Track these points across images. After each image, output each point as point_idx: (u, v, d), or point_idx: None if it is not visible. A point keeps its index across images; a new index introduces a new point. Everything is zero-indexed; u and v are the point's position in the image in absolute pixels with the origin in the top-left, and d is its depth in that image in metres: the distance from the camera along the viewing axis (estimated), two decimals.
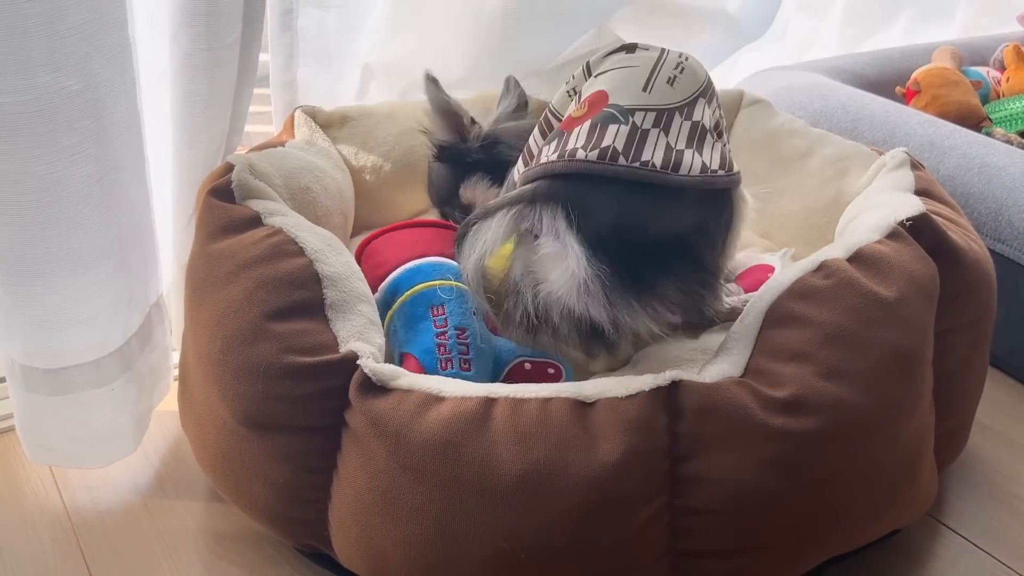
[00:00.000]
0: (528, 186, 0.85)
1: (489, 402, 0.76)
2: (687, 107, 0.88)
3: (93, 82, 0.81)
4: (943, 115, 1.53)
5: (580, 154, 0.83)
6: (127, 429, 0.97)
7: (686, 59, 0.95)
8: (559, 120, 0.97)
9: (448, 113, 1.08)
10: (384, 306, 0.96)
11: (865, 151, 1.22)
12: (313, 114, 1.22)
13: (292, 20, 1.22)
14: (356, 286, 0.88)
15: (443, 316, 0.92)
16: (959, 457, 1.02)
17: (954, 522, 0.97)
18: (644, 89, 0.88)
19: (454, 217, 1.11)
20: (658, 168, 0.81)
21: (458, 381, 0.80)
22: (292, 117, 1.21)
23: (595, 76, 0.95)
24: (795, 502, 0.76)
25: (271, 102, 1.29)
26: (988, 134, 1.53)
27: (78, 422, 0.93)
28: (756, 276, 1.13)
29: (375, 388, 0.78)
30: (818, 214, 1.23)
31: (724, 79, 1.73)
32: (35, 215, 0.82)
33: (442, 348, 0.90)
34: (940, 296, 0.87)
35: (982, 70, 1.76)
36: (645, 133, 0.84)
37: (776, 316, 0.82)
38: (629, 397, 0.75)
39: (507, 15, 1.24)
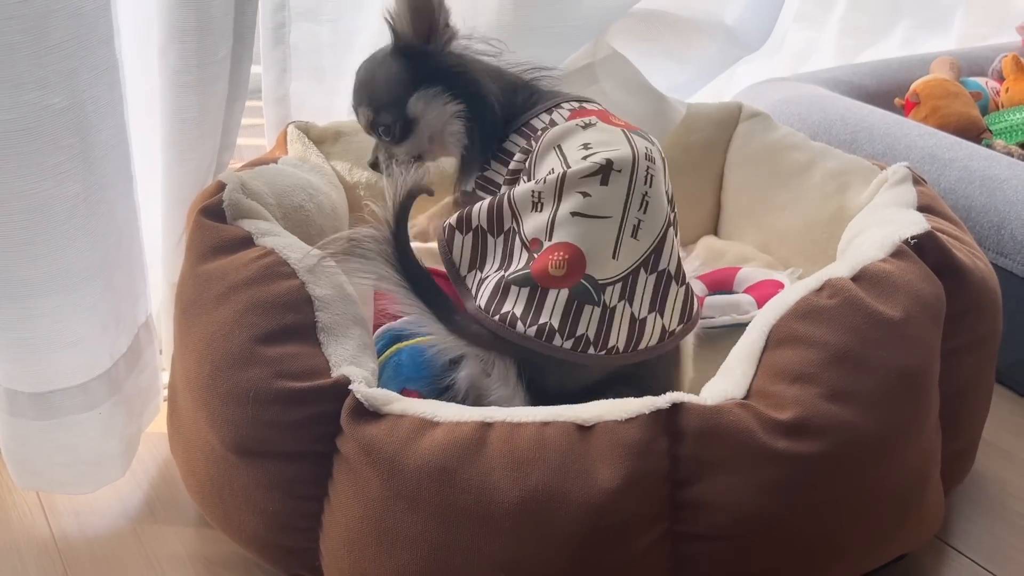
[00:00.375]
0: (486, 334, 0.85)
1: (484, 426, 0.74)
2: (652, 256, 0.87)
3: (80, 99, 0.80)
4: (943, 127, 1.51)
5: (556, 339, 0.83)
6: (115, 453, 0.95)
7: (652, 162, 0.90)
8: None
9: (421, 6, 0.96)
10: (394, 339, 0.93)
11: (867, 166, 1.21)
12: (306, 130, 1.21)
13: (284, 35, 1.21)
14: (349, 309, 0.86)
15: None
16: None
17: (961, 544, 0.95)
18: (614, 256, 0.86)
19: (381, 138, 1.01)
20: (620, 351, 0.85)
21: (452, 405, 0.78)
22: (285, 133, 1.20)
23: (564, 193, 0.86)
24: (799, 527, 0.74)
25: (263, 116, 1.28)
26: (988, 146, 1.52)
27: (65, 447, 0.91)
28: (767, 291, 1.11)
29: (367, 414, 0.76)
30: (819, 229, 1.22)
31: (721, 91, 1.71)
32: (20, 235, 0.80)
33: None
34: (946, 315, 0.86)
35: (981, 81, 1.75)
36: (612, 312, 0.84)
37: (779, 336, 0.81)
38: (629, 420, 0.73)
39: (503, 28, 1.22)
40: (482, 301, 0.86)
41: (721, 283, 1.20)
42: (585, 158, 0.88)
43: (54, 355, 0.86)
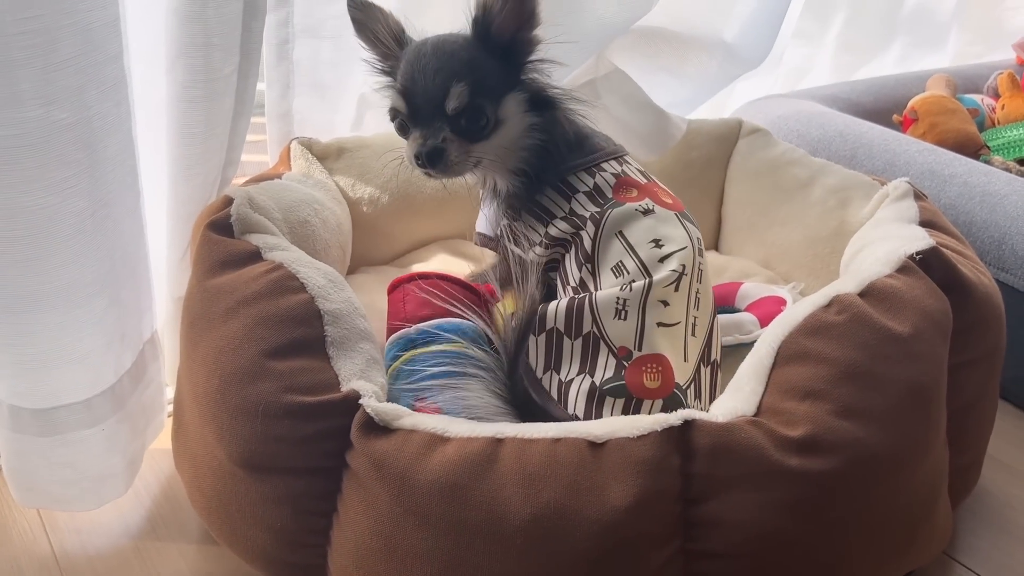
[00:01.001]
0: None
1: (496, 442, 0.74)
2: (706, 349, 0.91)
3: (87, 115, 0.79)
4: (941, 143, 1.52)
5: None
6: (118, 470, 0.94)
7: (702, 255, 0.93)
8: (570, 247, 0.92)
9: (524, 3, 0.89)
10: (408, 344, 0.92)
11: (867, 181, 1.22)
12: (309, 145, 1.21)
13: (288, 51, 1.21)
14: (358, 323, 0.86)
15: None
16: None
17: (968, 559, 0.95)
18: (684, 358, 0.88)
19: (458, 128, 0.90)
20: None
21: (463, 421, 0.78)
22: (288, 148, 1.20)
23: (648, 302, 0.86)
24: (812, 545, 0.74)
25: (266, 132, 1.27)
26: (987, 162, 1.53)
27: (67, 463, 0.90)
28: (769, 308, 1.11)
29: (378, 428, 0.75)
30: (821, 244, 1.22)
31: (721, 107, 1.72)
32: (26, 250, 0.80)
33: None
34: (952, 330, 0.86)
35: (977, 98, 1.77)
36: None
37: (789, 353, 0.81)
38: (641, 437, 0.73)
39: None
40: (578, 411, 0.85)
41: (723, 299, 1.20)
42: (660, 259, 0.89)
43: (58, 371, 0.86)
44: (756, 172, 1.34)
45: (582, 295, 0.89)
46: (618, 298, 0.87)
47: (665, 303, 0.87)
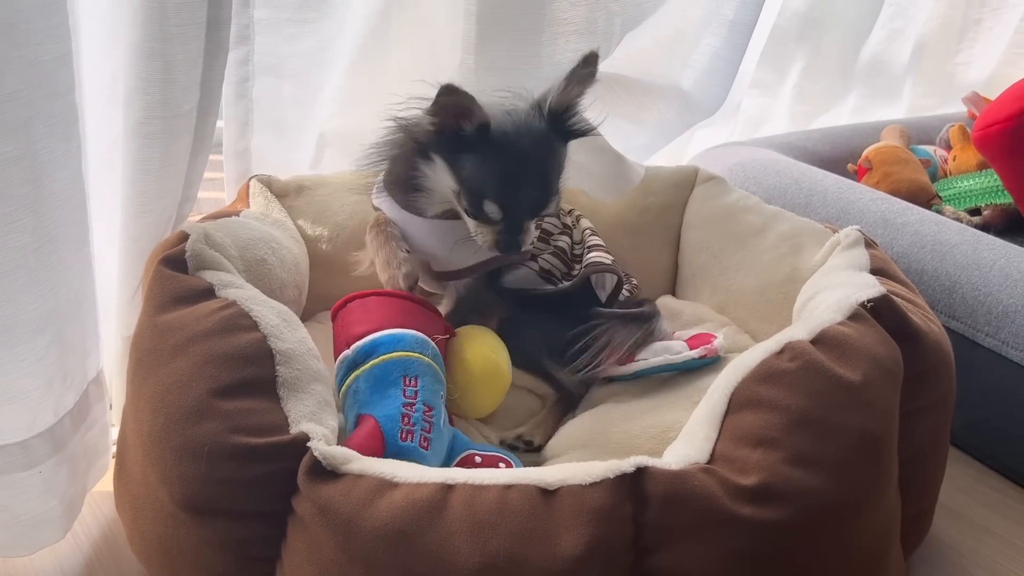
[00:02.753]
0: None
1: (446, 488, 0.72)
2: None
3: (33, 149, 0.78)
4: (894, 192, 1.55)
5: None
6: (56, 514, 0.91)
7: None
8: None
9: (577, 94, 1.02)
10: (352, 366, 0.92)
11: (819, 228, 1.23)
12: (268, 183, 1.20)
13: (247, 89, 1.20)
14: (311, 364, 0.85)
15: (415, 388, 0.90)
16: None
17: None
18: None
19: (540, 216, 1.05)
20: None
21: (413, 466, 0.77)
22: (247, 186, 1.19)
23: None
24: None
25: (224, 170, 1.26)
26: (939, 211, 1.56)
27: (1, 507, 0.87)
28: (700, 339, 1.13)
29: (325, 473, 0.74)
30: (773, 290, 1.23)
31: (678, 155, 1.74)
32: None
33: (407, 419, 0.87)
34: (903, 378, 0.87)
35: (929, 149, 1.81)
36: None
37: (742, 399, 0.80)
38: (593, 485, 0.72)
39: (466, 68, 1.23)
40: None
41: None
42: None
43: None
44: (711, 219, 1.35)
45: None
46: None
47: None
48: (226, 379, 0.79)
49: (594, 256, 1.15)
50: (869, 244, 1.09)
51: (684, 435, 0.82)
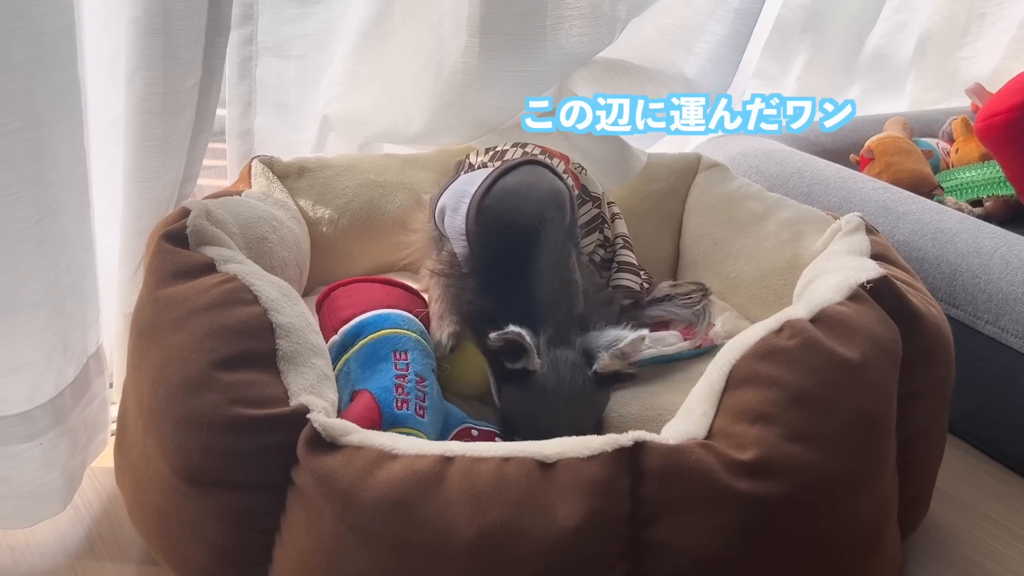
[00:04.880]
0: None
1: (445, 460, 0.73)
2: None
3: (35, 121, 0.78)
4: (896, 182, 1.55)
5: None
6: (56, 487, 0.91)
7: None
8: None
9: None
10: (342, 349, 0.93)
11: (820, 215, 1.23)
12: (271, 164, 1.20)
13: (251, 69, 1.21)
14: (311, 338, 0.85)
15: (405, 361, 0.91)
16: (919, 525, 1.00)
17: None
18: None
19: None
20: None
21: (412, 438, 0.77)
22: (249, 166, 1.19)
23: None
24: (759, 570, 0.73)
25: (227, 152, 1.26)
26: (940, 202, 1.56)
27: (1, 478, 0.87)
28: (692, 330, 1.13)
29: (324, 444, 0.74)
30: (774, 276, 1.23)
31: (681, 143, 1.74)
32: None
33: (400, 389, 0.88)
34: (902, 359, 0.87)
35: (932, 141, 1.80)
36: None
37: (740, 376, 0.81)
38: (591, 458, 0.72)
39: (468, 70, 1.24)
40: None
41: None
42: None
43: None
44: (713, 205, 1.35)
45: None
46: None
47: None
48: (226, 352, 0.80)
49: (625, 281, 1.17)
50: (870, 230, 1.09)
51: (682, 412, 0.83)
